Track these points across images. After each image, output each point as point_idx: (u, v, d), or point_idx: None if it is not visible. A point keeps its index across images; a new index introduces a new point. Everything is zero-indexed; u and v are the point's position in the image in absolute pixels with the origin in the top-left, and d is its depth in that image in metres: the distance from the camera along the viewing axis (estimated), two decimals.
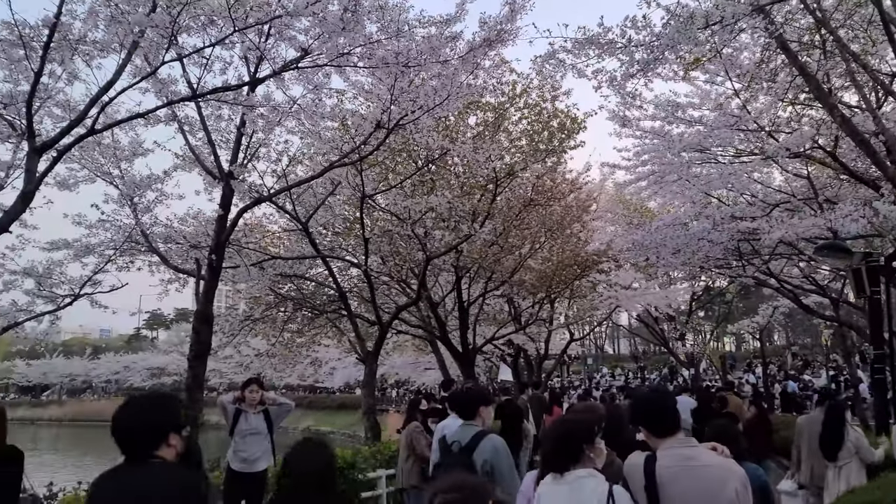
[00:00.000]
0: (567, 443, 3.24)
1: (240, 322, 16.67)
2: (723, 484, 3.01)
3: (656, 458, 3.13)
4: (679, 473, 3.07)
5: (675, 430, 3.20)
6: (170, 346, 71.95)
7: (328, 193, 11.69)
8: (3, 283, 9.27)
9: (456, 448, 4.41)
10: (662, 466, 3.10)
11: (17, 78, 7.74)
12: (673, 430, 3.20)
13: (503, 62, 11.84)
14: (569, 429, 3.33)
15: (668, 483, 3.06)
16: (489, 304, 20.31)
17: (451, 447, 4.45)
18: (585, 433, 3.28)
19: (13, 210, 6.60)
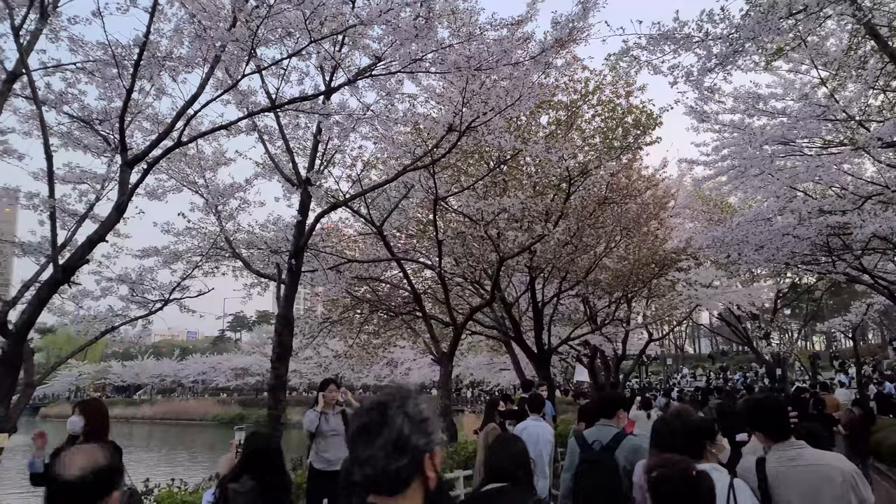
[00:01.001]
0: (692, 440, 3.56)
1: (318, 324, 17.09)
2: (827, 481, 3.25)
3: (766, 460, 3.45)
4: (786, 473, 3.36)
5: (787, 434, 3.49)
6: (252, 347, 74.41)
7: (401, 197, 11.83)
8: (101, 290, 9.81)
9: (597, 447, 4.72)
10: (771, 467, 3.41)
11: (110, 95, 8.21)
12: (786, 434, 3.49)
13: (575, 59, 11.71)
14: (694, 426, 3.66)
15: (776, 482, 3.36)
16: (564, 304, 20.09)
17: (591, 445, 4.77)
18: (709, 430, 3.63)
19: (109, 221, 6.98)
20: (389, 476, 1.66)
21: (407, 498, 1.69)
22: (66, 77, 8.10)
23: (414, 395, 1.79)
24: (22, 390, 7.30)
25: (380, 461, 1.66)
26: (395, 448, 1.67)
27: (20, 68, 7.02)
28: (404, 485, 1.68)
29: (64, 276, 6.81)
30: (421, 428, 1.72)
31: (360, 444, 1.71)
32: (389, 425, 1.69)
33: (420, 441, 1.70)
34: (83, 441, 4.99)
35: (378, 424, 1.70)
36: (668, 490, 2.93)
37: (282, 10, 6.34)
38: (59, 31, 7.42)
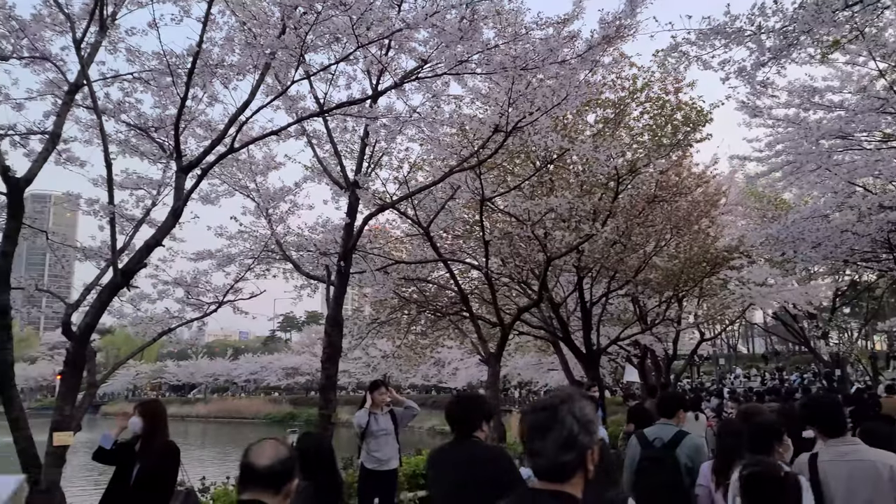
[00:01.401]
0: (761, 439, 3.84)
1: (367, 325, 17.26)
2: (875, 476, 3.40)
3: (818, 455, 3.64)
4: (836, 467, 3.54)
5: (843, 431, 3.71)
6: (302, 346, 75.60)
7: (448, 198, 11.87)
8: (158, 293, 10.12)
9: (658, 444, 4.91)
10: (823, 462, 3.60)
11: (165, 103, 8.46)
12: (841, 431, 3.70)
13: (622, 56, 11.56)
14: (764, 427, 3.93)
15: (826, 477, 3.53)
16: (613, 303, 19.83)
17: (652, 443, 4.97)
18: (777, 431, 3.89)
19: (165, 226, 7.20)
20: (559, 467, 2.01)
21: (572, 485, 2.02)
22: (123, 87, 8.38)
23: (578, 398, 2.10)
24: (85, 390, 7.57)
25: (552, 454, 2.00)
26: (565, 444, 2.00)
27: (81, 79, 7.28)
28: (571, 475, 2.02)
29: (123, 280, 7.04)
30: (587, 428, 2.03)
31: (534, 439, 2.05)
32: (561, 424, 2.02)
33: (585, 439, 2.03)
34: (143, 440, 5.15)
35: (550, 423, 2.03)
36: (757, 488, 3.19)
37: (330, 17, 6.44)
38: (118, 42, 7.69)
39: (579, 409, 2.05)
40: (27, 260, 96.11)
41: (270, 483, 2.47)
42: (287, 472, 2.53)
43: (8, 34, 7.50)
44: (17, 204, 6.86)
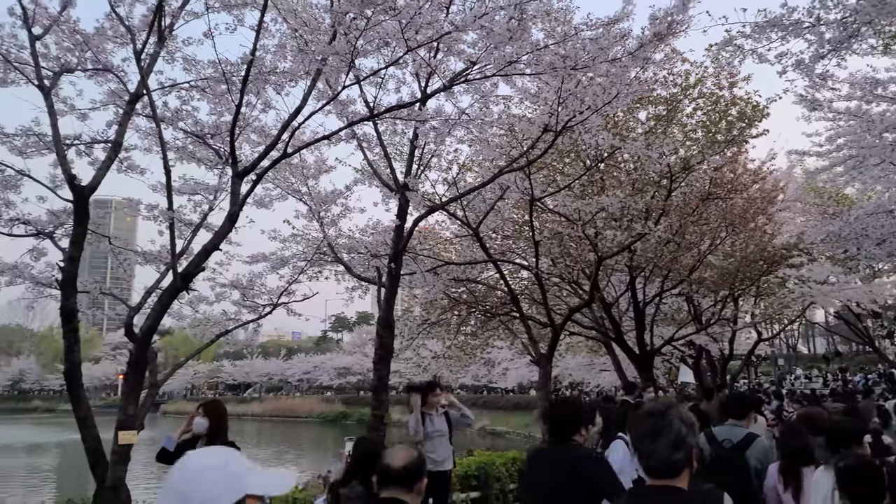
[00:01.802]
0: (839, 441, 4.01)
1: (417, 326, 17.35)
2: None
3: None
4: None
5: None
6: (353, 347, 76.46)
7: (497, 198, 11.84)
8: (215, 295, 10.38)
9: (727, 445, 4.96)
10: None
11: (220, 110, 8.68)
12: None
13: (674, 52, 11.35)
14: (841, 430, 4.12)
15: None
16: (666, 303, 19.49)
17: (721, 444, 5.02)
18: (854, 435, 4.07)
19: (222, 230, 7.37)
20: (671, 465, 2.32)
21: (680, 480, 2.35)
22: (180, 95, 8.62)
23: (679, 405, 2.48)
24: (147, 390, 7.82)
25: (664, 454, 2.32)
26: (676, 445, 2.32)
27: (141, 89, 7.52)
28: (680, 471, 2.34)
29: (183, 284, 7.24)
30: (692, 430, 2.37)
31: (644, 442, 2.37)
32: (670, 428, 2.33)
33: (691, 440, 2.35)
34: (207, 440, 5.29)
35: (661, 427, 2.34)
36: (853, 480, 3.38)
37: (379, 21, 6.50)
38: (175, 52, 7.92)
39: (684, 414, 2.39)
40: (90, 263, 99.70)
41: (405, 482, 2.88)
42: (418, 472, 2.93)
43: (73, 47, 7.81)
44: (83, 211, 7.13)
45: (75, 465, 7.50)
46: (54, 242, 8.17)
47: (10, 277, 8.44)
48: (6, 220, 8.03)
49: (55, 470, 28.09)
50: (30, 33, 7.12)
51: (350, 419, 55.08)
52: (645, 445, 2.36)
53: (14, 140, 8.05)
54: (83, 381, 7.42)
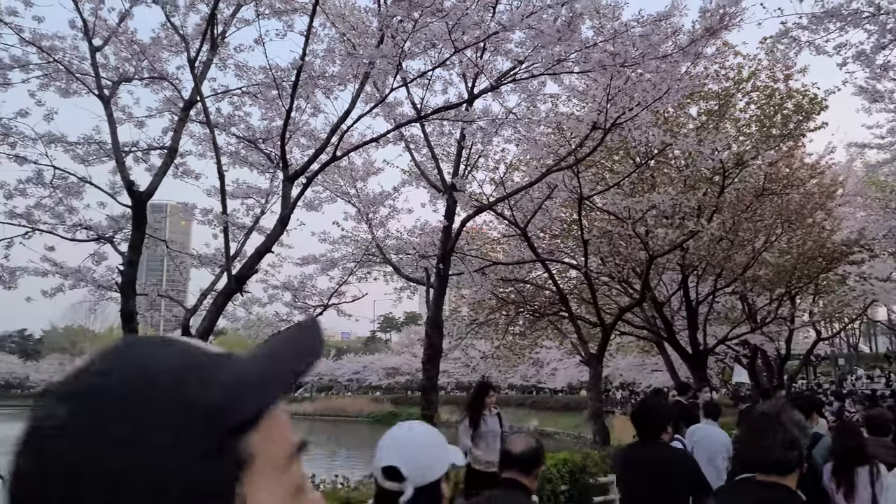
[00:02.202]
0: None
1: (465, 326, 17.36)
2: None
3: None
4: None
5: None
6: (401, 347, 76.89)
7: (545, 198, 11.76)
8: (268, 297, 10.57)
9: None
10: None
11: (271, 115, 8.83)
12: None
13: (726, 45, 11.09)
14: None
15: None
16: (720, 302, 19.04)
17: None
18: None
19: (274, 232, 7.50)
20: (784, 464, 2.46)
21: (790, 479, 2.49)
22: (233, 101, 8.82)
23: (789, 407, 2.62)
24: None
25: (778, 453, 2.47)
26: (790, 445, 2.46)
27: (195, 96, 7.70)
28: (791, 470, 2.48)
29: (237, 286, 7.39)
30: (804, 432, 2.53)
31: (756, 440, 2.56)
32: (783, 428, 2.48)
33: (802, 441, 2.51)
34: None
35: (773, 427, 2.51)
36: None
37: (427, 24, 6.52)
38: (227, 59, 8.10)
39: (795, 415, 2.55)
40: (147, 267, 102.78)
41: (523, 467, 3.13)
42: (535, 458, 3.18)
43: (130, 57, 8.05)
44: (141, 216, 7.34)
45: None
46: (114, 247, 8.44)
47: (74, 281, 8.74)
48: (70, 226, 8.33)
49: None
50: (90, 45, 7.37)
51: (399, 419, 55.24)
52: (757, 443, 2.53)
53: (76, 148, 8.34)
54: None
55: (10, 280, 8.22)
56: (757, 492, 2.52)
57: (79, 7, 7.22)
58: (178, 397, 0.52)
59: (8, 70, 7.72)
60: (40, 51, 7.61)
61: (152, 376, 0.53)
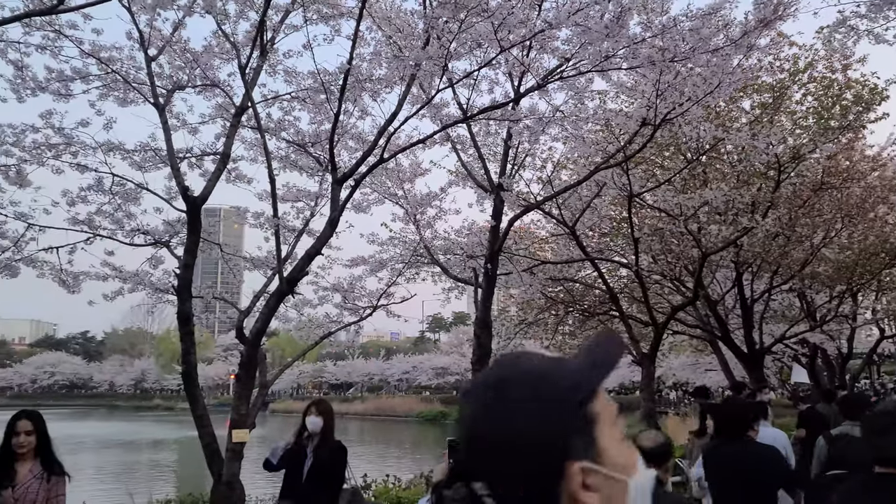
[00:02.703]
0: None
1: (514, 326, 17.30)
2: None
3: None
4: None
5: None
6: (450, 347, 77.10)
7: (594, 196, 11.62)
8: (318, 298, 10.73)
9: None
10: None
11: (319, 119, 8.96)
12: None
13: (781, 36, 10.77)
14: None
15: None
16: (776, 300, 18.52)
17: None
18: None
19: (323, 235, 7.61)
20: None
21: None
22: (282, 106, 8.98)
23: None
24: (258, 390, 8.16)
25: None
26: None
27: (246, 102, 7.87)
28: None
29: (288, 288, 7.52)
30: None
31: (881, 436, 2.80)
32: None
33: None
34: (320, 437, 5.47)
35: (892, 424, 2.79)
36: None
37: (472, 24, 6.51)
38: (277, 65, 8.25)
39: None
40: (202, 270, 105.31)
41: (655, 460, 3.29)
42: (665, 453, 3.46)
43: (184, 65, 8.28)
44: (195, 220, 7.53)
45: (193, 460, 7.97)
46: (170, 251, 8.68)
47: (133, 285, 9.02)
48: (128, 231, 8.61)
49: (175, 465, 29.82)
50: (146, 54, 7.60)
51: (449, 419, 55.47)
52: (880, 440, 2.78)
53: (134, 156, 8.61)
54: (198, 382, 7.85)
55: (73, 284, 8.54)
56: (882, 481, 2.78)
57: (135, 18, 7.45)
58: (551, 382, 0.92)
59: (70, 82, 8.03)
60: (99, 62, 7.88)
61: (533, 371, 0.94)
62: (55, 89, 7.92)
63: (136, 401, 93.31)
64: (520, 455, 0.89)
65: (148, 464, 30.37)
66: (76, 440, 32.60)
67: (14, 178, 7.90)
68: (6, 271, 8.13)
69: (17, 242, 8.03)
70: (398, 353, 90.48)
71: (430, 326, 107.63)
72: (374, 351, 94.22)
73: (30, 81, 7.73)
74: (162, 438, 40.58)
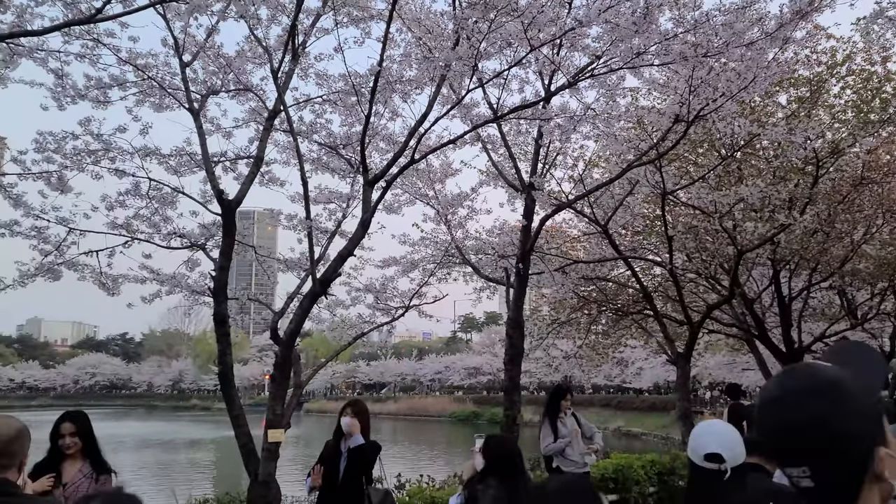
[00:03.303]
0: None
1: (546, 326, 17.22)
2: None
3: None
4: None
5: None
6: (482, 347, 77.09)
7: (626, 194, 11.52)
8: (351, 299, 10.79)
9: None
10: None
11: (351, 121, 9.02)
12: None
13: (817, 29, 10.55)
14: None
15: None
16: (815, 297, 18.13)
17: None
18: None
19: (355, 236, 7.66)
20: None
21: None
22: (314, 109, 9.06)
23: None
24: (292, 390, 8.25)
25: None
26: None
27: (278, 106, 7.96)
28: None
29: (321, 289, 7.58)
30: None
31: None
32: None
33: None
34: (355, 437, 5.53)
35: None
36: None
37: (502, 24, 6.50)
38: (308, 68, 8.32)
39: None
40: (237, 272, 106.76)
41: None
42: None
43: (217, 70, 8.40)
44: (230, 223, 7.64)
45: (230, 460, 8.11)
46: (206, 253, 8.81)
47: (170, 287, 9.18)
48: (165, 234, 8.76)
49: (213, 464, 30.31)
50: (180, 60, 7.73)
51: (481, 419, 55.48)
52: None
53: (170, 160, 8.76)
54: (234, 382, 7.96)
55: (113, 287, 8.72)
56: None
57: (169, 25, 7.58)
58: (859, 388, 1.24)
59: (108, 89, 8.20)
60: (136, 69, 8.03)
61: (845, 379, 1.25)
62: (94, 96, 8.09)
63: (173, 401, 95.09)
64: (853, 442, 1.21)
65: (186, 463, 30.92)
66: (117, 440, 33.33)
67: (56, 184, 8.09)
68: (49, 274, 8.33)
69: (59, 246, 8.22)
70: (430, 353, 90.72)
71: (462, 326, 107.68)
72: (406, 351, 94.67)
73: (70, 89, 7.90)
74: (199, 438, 41.29)
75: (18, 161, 7.94)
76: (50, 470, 4.33)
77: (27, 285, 8.32)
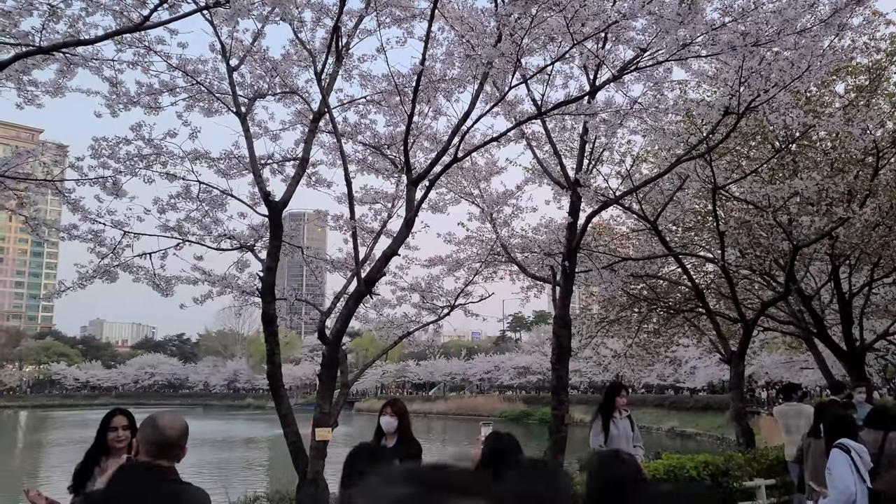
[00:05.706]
0: None
1: (595, 324, 17.00)
2: None
3: None
4: None
5: None
6: (532, 346, 76.44)
7: (676, 189, 11.28)
8: (397, 299, 10.84)
9: None
10: None
11: (395, 121, 9.07)
12: None
13: (876, 15, 10.13)
14: None
15: None
16: (878, 293, 17.45)
17: None
18: None
19: (400, 236, 7.69)
20: None
21: None
22: (358, 110, 9.14)
23: None
24: (340, 389, 8.33)
25: None
26: None
27: (323, 107, 8.05)
28: None
29: (366, 288, 7.64)
30: None
31: None
32: None
33: None
34: (397, 437, 5.54)
35: None
36: None
37: (544, 19, 6.43)
38: (352, 70, 8.38)
39: None
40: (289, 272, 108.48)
41: None
42: None
43: (263, 74, 8.54)
44: (277, 224, 7.76)
45: (283, 458, 8.24)
46: (255, 254, 8.97)
47: (221, 288, 9.37)
48: (215, 236, 8.95)
49: (266, 462, 30.86)
50: (228, 65, 7.89)
51: (531, 418, 55.10)
52: None
53: (219, 163, 8.95)
54: (285, 382, 8.08)
55: (166, 288, 8.95)
56: None
57: (217, 30, 7.74)
58: None
59: (159, 95, 8.42)
60: (185, 74, 8.23)
61: None
62: (146, 102, 8.32)
63: (228, 400, 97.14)
64: None
65: (241, 461, 31.55)
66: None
67: (111, 189, 8.34)
68: (106, 276, 8.59)
69: (115, 249, 8.48)
70: (479, 352, 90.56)
71: (511, 325, 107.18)
72: (455, 351, 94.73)
73: (123, 96, 8.14)
74: (253, 437, 42.05)
75: (76, 167, 8.21)
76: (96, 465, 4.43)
77: (86, 287, 8.59)
